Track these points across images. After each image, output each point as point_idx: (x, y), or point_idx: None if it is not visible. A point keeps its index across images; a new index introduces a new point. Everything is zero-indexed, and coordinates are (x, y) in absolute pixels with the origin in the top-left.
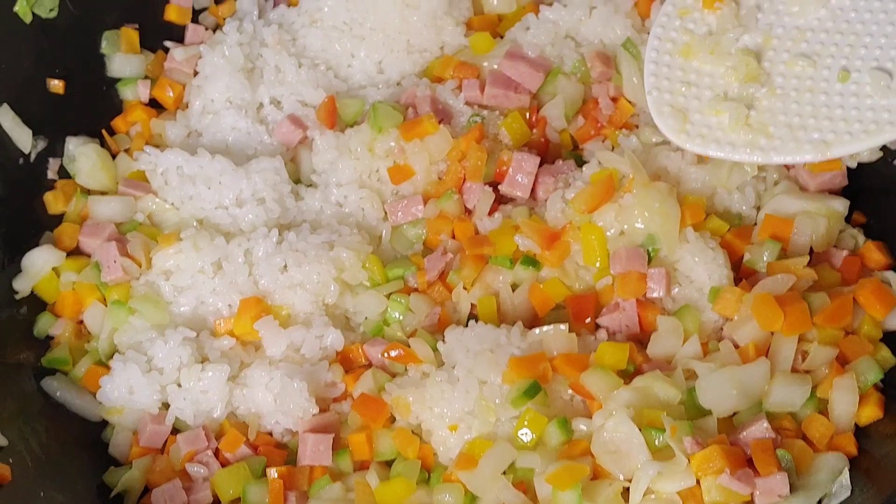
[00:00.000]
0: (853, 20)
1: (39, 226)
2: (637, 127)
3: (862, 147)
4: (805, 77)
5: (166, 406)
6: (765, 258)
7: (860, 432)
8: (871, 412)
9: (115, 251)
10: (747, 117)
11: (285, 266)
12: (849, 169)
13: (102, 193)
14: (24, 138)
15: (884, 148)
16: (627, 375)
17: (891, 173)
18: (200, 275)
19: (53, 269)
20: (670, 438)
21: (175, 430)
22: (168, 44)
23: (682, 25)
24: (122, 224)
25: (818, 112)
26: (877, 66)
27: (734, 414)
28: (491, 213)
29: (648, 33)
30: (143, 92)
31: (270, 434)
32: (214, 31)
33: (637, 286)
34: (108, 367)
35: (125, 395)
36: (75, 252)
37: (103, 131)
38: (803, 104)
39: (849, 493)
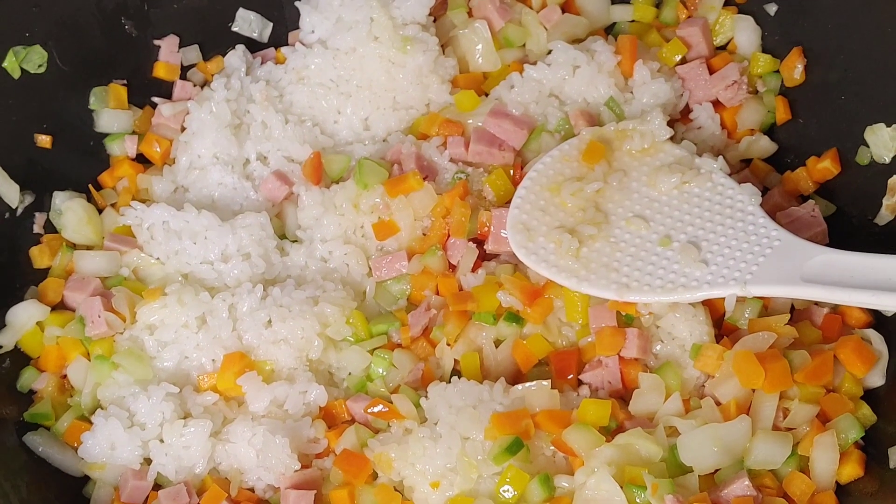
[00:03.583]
0: (682, 200)
1: (24, 280)
2: None
3: (653, 299)
4: (636, 234)
5: (148, 462)
6: (746, 315)
7: (841, 490)
8: (852, 470)
9: (100, 306)
10: (578, 250)
11: (269, 321)
12: (830, 226)
13: (88, 248)
14: (11, 193)
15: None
16: (610, 432)
17: (873, 231)
18: (184, 329)
19: (38, 323)
20: (652, 496)
21: (157, 486)
22: (156, 100)
23: (560, 168)
24: (107, 279)
25: (633, 263)
26: (691, 240)
27: (716, 471)
28: (475, 269)
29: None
30: (130, 147)
31: (252, 490)
32: (202, 87)
33: (613, 341)
34: (90, 423)
35: (107, 451)
36: (60, 306)
37: (90, 186)
38: (625, 253)
39: None
